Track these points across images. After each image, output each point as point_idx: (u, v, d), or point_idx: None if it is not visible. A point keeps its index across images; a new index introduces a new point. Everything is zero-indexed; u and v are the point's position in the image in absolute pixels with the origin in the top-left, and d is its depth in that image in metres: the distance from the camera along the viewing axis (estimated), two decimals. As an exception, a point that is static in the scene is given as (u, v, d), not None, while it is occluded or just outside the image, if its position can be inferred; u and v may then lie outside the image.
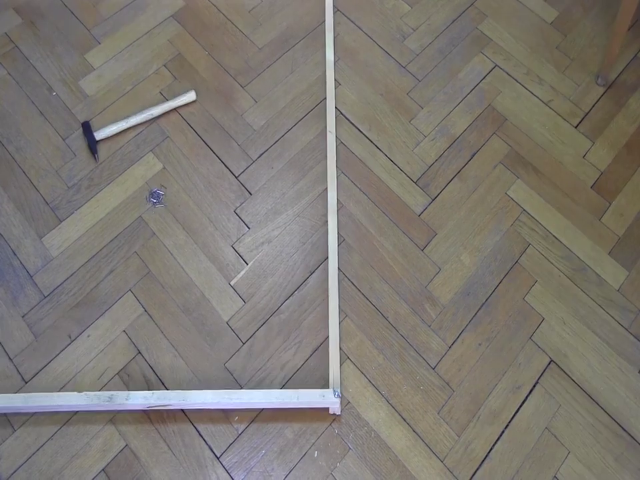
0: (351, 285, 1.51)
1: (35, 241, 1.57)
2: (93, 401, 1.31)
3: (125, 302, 1.50)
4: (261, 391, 1.32)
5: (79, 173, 1.66)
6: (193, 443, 1.34)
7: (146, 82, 1.80)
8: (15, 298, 1.51)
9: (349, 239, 1.57)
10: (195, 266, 1.54)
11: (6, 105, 1.77)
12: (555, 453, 1.33)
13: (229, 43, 1.87)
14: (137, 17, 1.91)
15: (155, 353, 1.44)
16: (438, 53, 1.84)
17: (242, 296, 1.51)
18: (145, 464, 1.32)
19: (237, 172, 1.67)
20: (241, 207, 1.62)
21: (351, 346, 1.44)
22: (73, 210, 1.61)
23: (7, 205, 1.62)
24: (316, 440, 1.34)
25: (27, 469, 1.32)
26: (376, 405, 1.38)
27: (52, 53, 1.85)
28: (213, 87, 1.79)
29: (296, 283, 1.52)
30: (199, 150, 1.70)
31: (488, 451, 1.33)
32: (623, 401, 1.37)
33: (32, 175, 1.66)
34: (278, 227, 1.59)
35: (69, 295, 1.50)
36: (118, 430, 1.36)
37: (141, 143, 1.71)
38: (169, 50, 1.85)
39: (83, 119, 1.73)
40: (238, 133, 1.72)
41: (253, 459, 1.33)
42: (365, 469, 1.31)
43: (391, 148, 1.69)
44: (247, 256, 1.55)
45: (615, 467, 1.31)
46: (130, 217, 1.60)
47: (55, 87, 1.79)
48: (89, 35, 1.88)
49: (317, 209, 1.61)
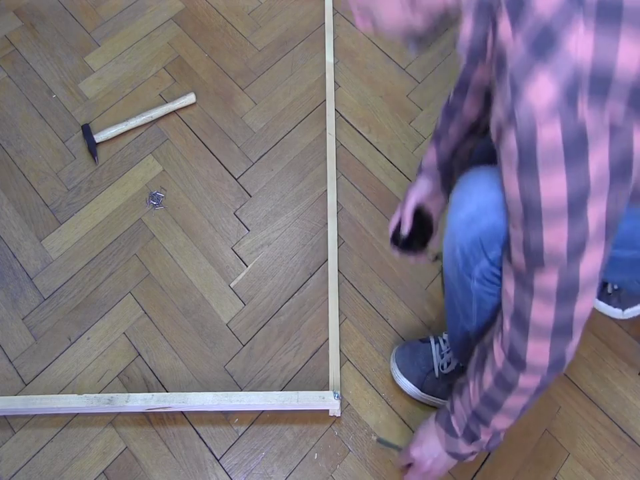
0: (351, 287, 1.51)
1: (35, 244, 1.57)
2: (92, 403, 1.31)
3: (125, 304, 1.50)
4: (260, 393, 1.32)
5: (78, 176, 1.67)
6: (192, 445, 1.34)
7: (145, 84, 1.80)
8: (14, 300, 1.51)
9: (348, 240, 1.57)
10: (195, 268, 1.54)
11: (6, 107, 1.77)
12: (554, 454, 1.33)
13: (228, 45, 1.87)
14: (136, 20, 1.91)
15: (154, 355, 1.44)
16: (437, 54, 1.84)
17: (242, 298, 1.51)
18: (144, 466, 1.32)
19: (237, 174, 1.67)
20: (241, 209, 1.62)
21: (351, 348, 1.44)
22: (73, 212, 1.61)
23: (6, 207, 1.63)
24: (316, 442, 1.34)
25: (26, 471, 1.32)
26: (376, 406, 1.38)
27: (52, 55, 1.85)
28: (212, 89, 1.79)
29: (296, 285, 1.52)
30: (198, 152, 1.70)
31: (488, 452, 1.32)
32: (623, 403, 1.37)
33: (32, 178, 1.66)
34: (278, 229, 1.59)
35: (69, 297, 1.50)
36: (118, 432, 1.36)
37: (141, 146, 1.71)
38: (169, 52, 1.86)
39: (83, 122, 1.74)
40: (237, 135, 1.72)
41: (253, 461, 1.33)
42: (365, 471, 1.31)
43: (390, 150, 1.69)
44: (246, 258, 1.55)
45: (615, 468, 1.31)
46: (130, 219, 1.61)
47: (55, 90, 1.80)
48: (89, 38, 1.88)
49: (317, 211, 1.61)
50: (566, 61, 0.67)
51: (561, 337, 0.85)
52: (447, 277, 1.09)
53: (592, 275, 0.80)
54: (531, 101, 0.69)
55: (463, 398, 1.02)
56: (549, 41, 0.68)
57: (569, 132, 0.68)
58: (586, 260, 0.78)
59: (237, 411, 1.37)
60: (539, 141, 0.70)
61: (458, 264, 0.98)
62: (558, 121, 0.68)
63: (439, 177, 1.19)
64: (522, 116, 0.70)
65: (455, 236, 0.95)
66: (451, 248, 0.98)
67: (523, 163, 0.73)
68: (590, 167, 0.71)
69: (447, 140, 1.19)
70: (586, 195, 0.72)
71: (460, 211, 0.94)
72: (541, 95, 0.68)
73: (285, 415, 1.36)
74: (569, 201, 0.73)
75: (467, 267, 0.97)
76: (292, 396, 1.31)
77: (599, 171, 0.71)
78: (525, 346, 0.87)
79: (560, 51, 0.67)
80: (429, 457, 1.11)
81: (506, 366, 0.91)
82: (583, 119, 0.68)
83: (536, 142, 0.70)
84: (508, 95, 0.71)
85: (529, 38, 0.69)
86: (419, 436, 1.13)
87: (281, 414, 1.36)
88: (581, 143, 0.69)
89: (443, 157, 1.20)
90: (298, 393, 1.31)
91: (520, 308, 0.86)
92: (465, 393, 1.01)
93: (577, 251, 0.77)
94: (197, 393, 1.32)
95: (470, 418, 1.02)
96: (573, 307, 0.82)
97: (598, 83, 0.67)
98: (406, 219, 1.17)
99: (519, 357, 0.89)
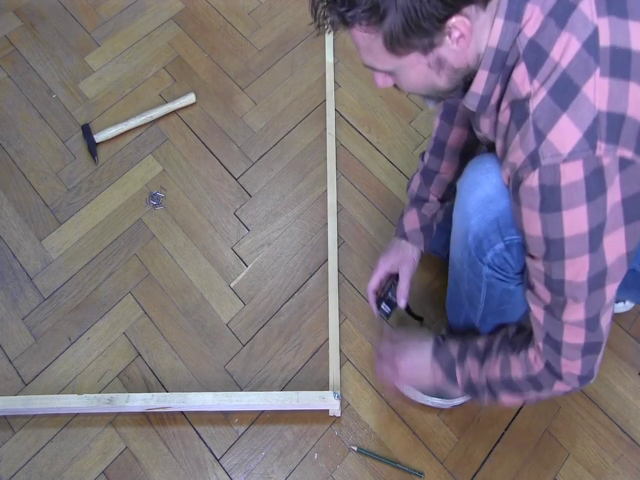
0: (351, 287, 1.51)
1: (35, 244, 1.57)
2: (92, 403, 1.31)
3: (125, 304, 1.50)
4: (260, 393, 1.32)
5: (78, 176, 1.67)
6: (192, 445, 1.34)
7: (145, 84, 1.80)
8: (14, 300, 1.51)
9: (348, 240, 1.57)
10: (195, 268, 1.54)
11: (6, 107, 1.77)
12: (554, 454, 1.33)
13: (228, 45, 1.87)
14: (136, 20, 1.91)
15: (154, 355, 1.44)
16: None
17: (242, 298, 1.51)
18: (144, 466, 1.32)
19: (237, 174, 1.67)
20: (241, 209, 1.62)
21: (351, 348, 1.44)
22: (73, 212, 1.61)
23: (6, 207, 1.63)
24: (316, 442, 1.34)
25: (26, 471, 1.32)
26: (376, 406, 1.38)
27: (52, 55, 1.85)
28: (212, 89, 1.79)
29: (296, 285, 1.52)
30: (198, 152, 1.70)
31: (488, 452, 1.33)
32: (623, 403, 1.37)
33: (32, 178, 1.66)
34: (278, 229, 1.59)
35: (69, 297, 1.50)
36: (118, 432, 1.36)
37: (141, 146, 1.71)
38: (169, 52, 1.86)
39: (83, 122, 1.74)
40: (237, 135, 1.72)
41: (253, 461, 1.33)
42: (365, 471, 1.31)
43: (390, 150, 1.69)
44: (246, 258, 1.55)
45: (615, 468, 1.31)
46: (130, 219, 1.61)
47: (55, 90, 1.80)
48: (89, 38, 1.88)
49: (317, 211, 1.61)
50: (586, 106, 0.74)
51: (591, 352, 0.92)
52: (453, 265, 1.11)
53: (612, 295, 0.88)
54: (555, 143, 0.75)
55: (478, 363, 1.05)
56: (569, 87, 0.75)
57: (590, 169, 0.74)
58: (607, 287, 0.85)
59: (236, 410, 1.37)
60: (562, 179, 0.75)
61: (470, 249, 0.99)
62: (580, 160, 0.74)
63: (423, 239, 1.25)
64: (546, 156, 0.76)
65: (471, 218, 0.96)
66: (463, 233, 0.99)
67: (545, 200, 0.78)
68: (607, 200, 0.77)
69: (428, 203, 1.27)
70: (603, 226, 0.78)
71: (477, 191, 0.95)
72: (565, 137, 0.75)
73: (284, 415, 1.36)
74: (589, 234, 0.78)
75: (480, 251, 0.98)
76: (292, 396, 1.31)
77: (614, 203, 0.77)
78: (559, 361, 0.93)
79: (579, 96, 0.74)
80: (411, 378, 1.19)
81: (543, 374, 0.96)
82: (601, 157, 0.74)
83: (560, 180, 0.76)
84: (531, 138, 0.77)
85: (548, 85, 0.76)
86: (411, 357, 1.15)
87: (281, 414, 1.36)
88: (600, 179, 0.75)
89: (425, 219, 1.26)
90: (298, 393, 1.31)
91: (551, 333, 0.92)
92: (485, 365, 1.04)
93: (598, 280, 0.83)
94: (197, 392, 1.32)
95: (480, 384, 1.05)
96: (600, 324, 0.90)
97: (613, 123, 0.74)
98: (403, 292, 1.25)
99: (554, 369, 0.95)
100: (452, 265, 1.12)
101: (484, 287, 1.04)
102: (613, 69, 0.74)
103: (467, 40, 0.78)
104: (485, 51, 0.81)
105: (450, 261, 1.13)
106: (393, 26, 0.74)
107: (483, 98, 0.87)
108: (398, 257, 1.25)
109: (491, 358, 1.03)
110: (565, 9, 0.77)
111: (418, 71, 0.83)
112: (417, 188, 1.28)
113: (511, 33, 0.79)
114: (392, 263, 1.25)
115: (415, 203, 1.28)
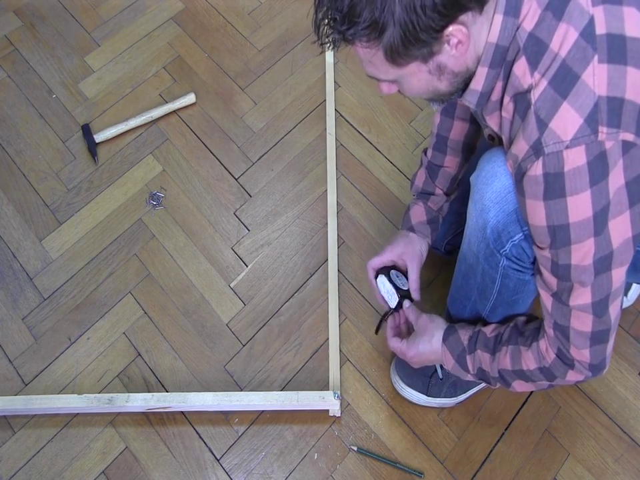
0: (351, 287, 1.51)
1: (35, 244, 1.57)
2: (92, 403, 1.31)
3: (125, 304, 1.50)
4: (260, 393, 1.32)
5: (78, 176, 1.67)
6: (192, 445, 1.34)
7: (145, 84, 1.80)
8: (14, 300, 1.51)
9: (348, 240, 1.57)
10: (195, 268, 1.54)
11: (6, 107, 1.77)
12: (554, 454, 1.33)
13: (228, 45, 1.87)
14: (136, 20, 1.91)
15: (154, 355, 1.44)
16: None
17: (242, 298, 1.51)
18: (144, 466, 1.32)
19: (237, 174, 1.67)
20: (241, 209, 1.62)
21: (351, 348, 1.44)
22: (73, 212, 1.61)
23: (6, 207, 1.63)
24: (316, 442, 1.34)
25: (26, 471, 1.32)
26: (376, 406, 1.38)
27: (52, 55, 1.85)
28: (212, 89, 1.79)
29: (296, 285, 1.52)
30: (198, 152, 1.70)
31: (488, 452, 1.33)
32: (623, 403, 1.37)
33: (32, 178, 1.66)
34: (278, 229, 1.59)
35: (69, 297, 1.50)
36: (118, 432, 1.36)
37: (141, 146, 1.71)
38: (169, 52, 1.86)
39: (83, 122, 1.74)
40: (237, 135, 1.72)
41: (253, 461, 1.33)
42: (365, 471, 1.31)
43: (390, 150, 1.69)
44: (246, 258, 1.55)
45: (615, 468, 1.31)
46: (130, 219, 1.61)
47: (55, 90, 1.80)
48: (89, 38, 1.88)
49: (317, 211, 1.61)
50: (585, 92, 0.76)
51: (599, 341, 0.93)
52: (464, 259, 1.11)
53: (621, 281, 0.88)
54: (557, 131, 0.76)
55: (489, 355, 1.05)
56: (568, 75, 0.76)
57: (593, 154, 0.76)
58: (614, 272, 0.85)
59: (236, 411, 1.37)
60: (566, 165, 0.77)
61: (488, 241, 0.99)
62: (583, 145, 0.75)
63: (430, 232, 1.25)
64: (549, 144, 0.77)
65: (489, 211, 0.96)
66: (480, 226, 0.99)
67: (549, 187, 0.79)
68: (610, 183, 0.78)
69: (434, 197, 1.27)
70: (607, 210, 0.79)
71: (495, 183, 0.95)
72: (567, 124, 0.76)
73: (284, 415, 1.36)
74: (594, 218, 0.79)
75: (499, 243, 0.98)
76: (292, 396, 1.31)
77: (618, 187, 0.79)
78: (569, 348, 0.94)
79: (579, 84, 0.76)
80: (420, 363, 1.19)
81: (555, 363, 0.97)
82: (603, 141, 0.75)
83: (563, 166, 0.77)
84: (534, 128, 0.78)
85: (548, 75, 0.77)
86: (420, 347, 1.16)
87: (281, 414, 1.36)
88: (603, 163, 0.76)
89: (431, 212, 1.26)
90: (298, 393, 1.31)
91: (559, 320, 0.93)
92: (496, 356, 1.04)
93: (604, 264, 0.84)
94: (197, 393, 1.32)
95: (492, 374, 1.06)
96: (608, 311, 0.89)
97: (613, 108, 0.75)
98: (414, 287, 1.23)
99: (565, 358, 0.96)
100: (463, 258, 1.12)
101: (499, 278, 1.04)
102: (610, 54, 0.76)
103: (465, 45, 0.79)
104: (484, 48, 0.82)
105: (460, 255, 1.13)
106: (392, 40, 0.77)
107: (482, 95, 0.88)
108: (406, 249, 1.23)
109: (502, 350, 1.04)
110: (561, 1, 0.78)
111: (419, 78, 0.85)
112: (422, 183, 1.28)
113: (510, 28, 0.80)
114: (399, 253, 1.23)
115: (420, 197, 1.28)
